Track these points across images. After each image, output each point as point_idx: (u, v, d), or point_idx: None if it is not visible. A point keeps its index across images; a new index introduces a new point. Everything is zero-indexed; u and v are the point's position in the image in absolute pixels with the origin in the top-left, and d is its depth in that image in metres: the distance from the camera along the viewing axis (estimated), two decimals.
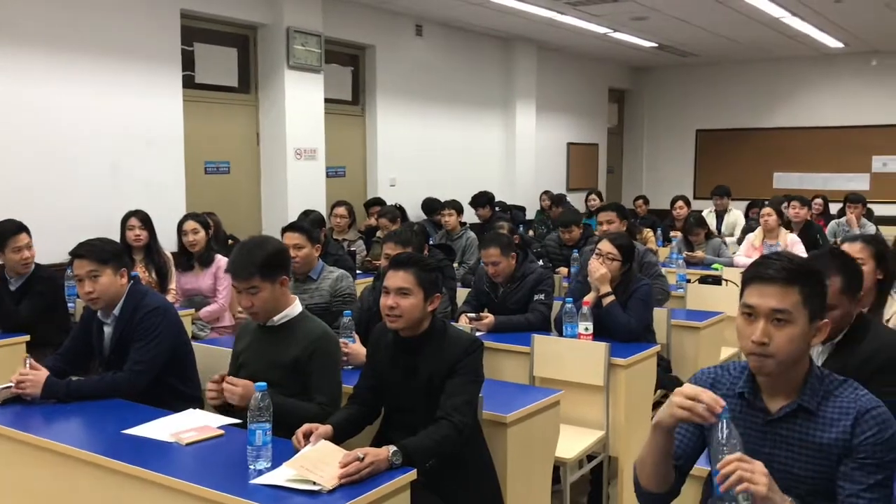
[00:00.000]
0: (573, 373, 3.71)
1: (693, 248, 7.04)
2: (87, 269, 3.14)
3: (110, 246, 3.30)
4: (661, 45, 10.85)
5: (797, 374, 1.88)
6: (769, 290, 1.83)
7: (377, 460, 2.26)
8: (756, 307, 1.84)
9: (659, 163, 13.56)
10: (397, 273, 2.73)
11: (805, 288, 1.83)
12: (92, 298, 3.16)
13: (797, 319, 1.81)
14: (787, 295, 1.81)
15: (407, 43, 8.95)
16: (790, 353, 1.82)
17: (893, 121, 11.51)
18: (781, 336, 1.81)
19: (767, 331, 1.81)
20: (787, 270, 1.83)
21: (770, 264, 1.86)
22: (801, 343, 1.83)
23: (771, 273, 1.83)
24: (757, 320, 1.83)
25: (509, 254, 4.37)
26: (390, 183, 8.82)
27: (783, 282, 1.82)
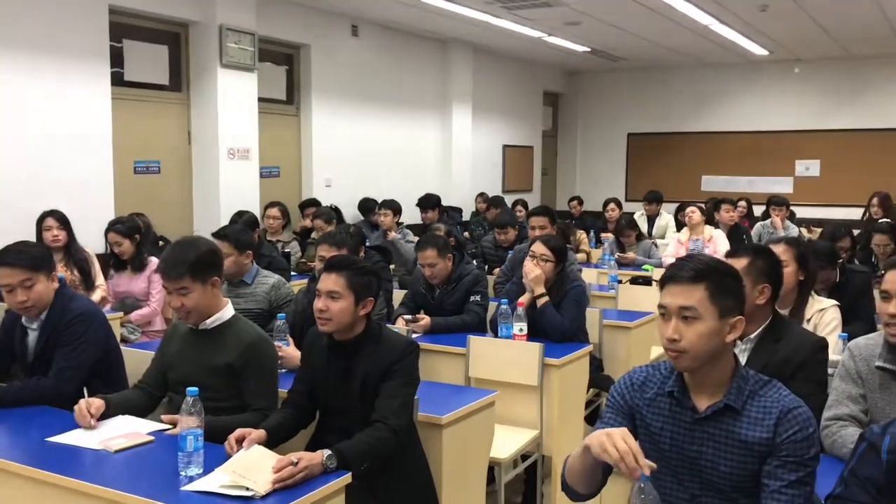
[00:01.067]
0: (508, 373, 3.75)
1: (624, 250, 7.19)
2: (19, 279, 3.02)
3: (38, 250, 3.19)
4: (593, 50, 11.04)
5: (722, 373, 1.94)
6: (677, 288, 1.92)
7: (311, 464, 2.25)
8: (667, 306, 1.93)
9: (592, 165, 13.78)
10: (329, 276, 2.72)
11: (711, 285, 1.90)
12: (26, 307, 3.06)
13: (704, 315, 1.88)
14: (693, 292, 1.89)
15: (343, 43, 8.90)
16: (701, 348, 1.89)
17: (815, 126, 11.94)
18: (691, 332, 1.88)
19: (677, 328, 1.89)
20: (695, 270, 1.91)
21: (682, 266, 1.95)
22: (712, 339, 1.90)
23: (681, 274, 1.92)
24: (670, 319, 1.92)
25: (446, 255, 4.39)
26: (326, 184, 8.75)
27: (689, 280, 1.91)
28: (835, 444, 2.43)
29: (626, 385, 2.07)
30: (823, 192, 11.88)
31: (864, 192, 11.46)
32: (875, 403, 2.45)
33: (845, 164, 11.74)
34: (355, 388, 2.68)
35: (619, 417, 2.03)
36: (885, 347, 2.45)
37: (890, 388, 2.43)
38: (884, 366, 2.43)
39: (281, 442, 2.65)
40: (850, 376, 2.52)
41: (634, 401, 2.03)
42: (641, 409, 2.02)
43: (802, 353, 2.63)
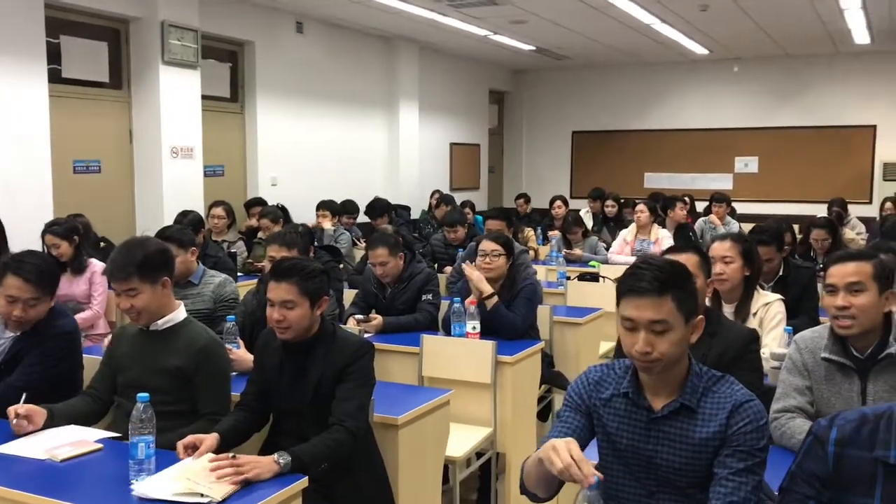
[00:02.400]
0: (461, 371, 3.76)
1: (571, 247, 7.26)
2: (27, 296, 2.93)
3: (50, 267, 3.10)
4: (539, 49, 11.12)
5: (678, 373, 1.97)
6: (644, 302, 1.90)
7: (253, 459, 2.23)
8: (635, 320, 1.91)
9: (538, 163, 13.90)
10: (280, 285, 2.66)
11: (677, 293, 1.91)
12: (18, 321, 2.97)
13: (675, 325, 1.90)
14: (662, 305, 1.89)
15: (288, 40, 8.79)
16: (673, 354, 1.91)
17: (753, 124, 12.24)
18: (663, 343, 1.89)
19: (650, 340, 1.89)
20: (659, 281, 1.89)
21: (642, 276, 1.91)
22: (683, 344, 1.93)
23: (644, 286, 1.90)
24: (638, 331, 1.90)
25: (397, 254, 4.37)
26: (271, 182, 8.65)
27: (656, 293, 1.89)
28: (783, 435, 2.49)
29: (582, 384, 2.08)
30: (762, 187, 12.19)
31: (800, 188, 11.86)
32: (821, 394, 2.52)
33: (782, 160, 12.07)
34: (310, 390, 2.64)
35: (576, 416, 2.04)
36: (831, 339, 2.52)
37: (834, 379, 2.50)
38: (829, 357, 2.50)
39: (235, 445, 2.60)
40: (797, 368, 2.58)
41: (591, 400, 2.05)
42: (598, 408, 2.03)
43: (737, 346, 2.70)
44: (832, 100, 11.70)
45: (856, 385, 2.45)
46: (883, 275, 2.45)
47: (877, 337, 2.44)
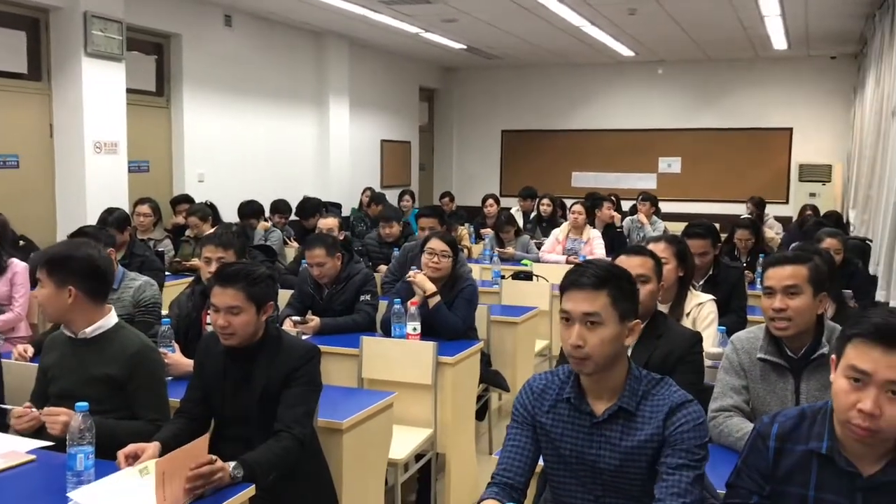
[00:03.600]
0: (402, 373, 3.74)
1: (504, 245, 7.32)
2: None
3: None
4: (469, 47, 11.17)
5: (617, 376, 2.00)
6: (580, 295, 1.96)
7: (225, 472, 2.19)
8: (570, 312, 1.97)
9: (468, 161, 13.97)
10: (226, 290, 2.59)
11: (613, 290, 1.96)
12: None
13: (608, 321, 1.94)
14: (597, 298, 1.95)
15: (216, 33, 8.60)
16: (604, 353, 1.94)
17: (676, 125, 12.57)
18: (594, 338, 1.93)
19: (582, 334, 1.94)
20: (597, 276, 1.97)
21: (583, 272, 1.99)
22: (615, 343, 1.96)
23: (583, 280, 1.97)
24: (573, 324, 1.96)
25: (334, 254, 4.32)
26: (198, 179, 8.44)
27: (592, 286, 1.96)
28: (721, 433, 2.56)
29: (527, 395, 2.10)
30: (684, 187, 12.53)
31: (721, 188, 12.25)
32: (756, 393, 2.60)
33: (704, 161, 12.43)
34: (255, 396, 2.59)
35: (524, 431, 2.07)
36: (766, 340, 2.60)
37: (770, 379, 2.58)
38: (765, 357, 2.58)
39: None
40: (734, 368, 2.65)
41: (535, 410, 2.07)
42: (541, 417, 2.05)
43: (681, 348, 2.76)
44: (751, 103, 12.11)
45: (790, 384, 2.54)
46: (818, 278, 2.54)
47: (810, 338, 2.53)
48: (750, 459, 1.91)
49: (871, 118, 7.66)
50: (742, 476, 1.91)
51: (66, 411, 2.47)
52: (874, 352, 1.67)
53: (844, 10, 8.47)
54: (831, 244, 4.64)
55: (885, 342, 1.66)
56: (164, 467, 2.05)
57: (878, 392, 1.66)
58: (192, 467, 2.10)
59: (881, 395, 1.66)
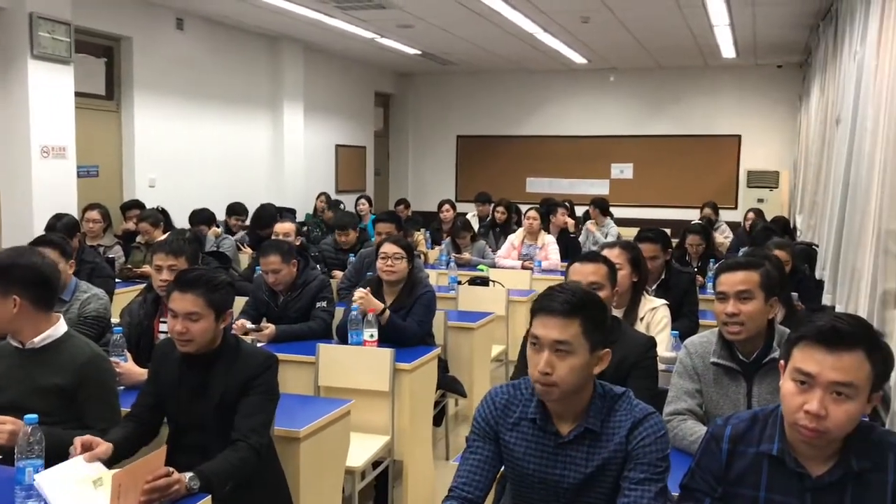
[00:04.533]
0: (359, 380, 3.72)
1: (460, 251, 7.33)
2: None
3: None
4: (424, 53, 11.19)
5: (583, 398, 2.00)
6: (552, 321, 1.93)
7: (181, 484, 2.15)
8: (541, 338, 1.94)
9: (424, 166, 13.98)
10: (185, 296, 2.56)
11: (586, 320, 1.94)
12: None
13: (578, 350, 1.93)
14: (569, 326, 1.92)
15: (167, 36, 8.48)
16: (572, 382, 1.93)
17: (628, 132, 12.74)
18: (563, 366, 1.92)
19: (551, 361, 1.92)
20: (570, 304, 1.93)
21: (556, 297, 1.96)
22: (583, 372, 1.95)
23: (555, 306, 1.94)
24: (542, 350, 1.93)
25: (290, 261, 4.28)
26: (149, 184, 8.31)
27: (565, 314, 1.93)
28: (675, 437, 2.60)
29: (489, 408, 2.08)
30: (636, 193, 12.71)
31: (672, 194, 12.45)
32: (710, 397, 2.65)
33: (655, 167, 12.63)
34: (211, 404, 2.55)
35: (485, 444, 2.06)
36: (719, 344, 2.65)
37: (722, 382, 2.63)
38: (718, 361, 2.63)
39: (125, 458, 2.49)
40: (688, 372, 2.70)
41: (498, 425, 2.06)
42: (504, 434, 2.05)
43: (636, 353, 2.81)
44: (701, 110, 12.34)
45: (742, 387, 2.59)
46: (769, 283, 2.60)
47: (761, 342, 2.59)
48: (703, 461, 1.94)
49: (816, 126, 7.86)
50: (696, 478, 1.95)
51: (11, 420, 2.41)
52: (818, 354, 1.71)
53: (790, 21, 8.69)
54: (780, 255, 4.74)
55: (828, 345, 1.71)
56: (121, 480, 2.02)
57: (823, 393, 1.70)
58: (148, 479, 2.07)
59: (826, 396, 1.70)
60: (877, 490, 1.75)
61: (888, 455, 1.76)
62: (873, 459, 1.76)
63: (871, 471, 1.76)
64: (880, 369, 1.73)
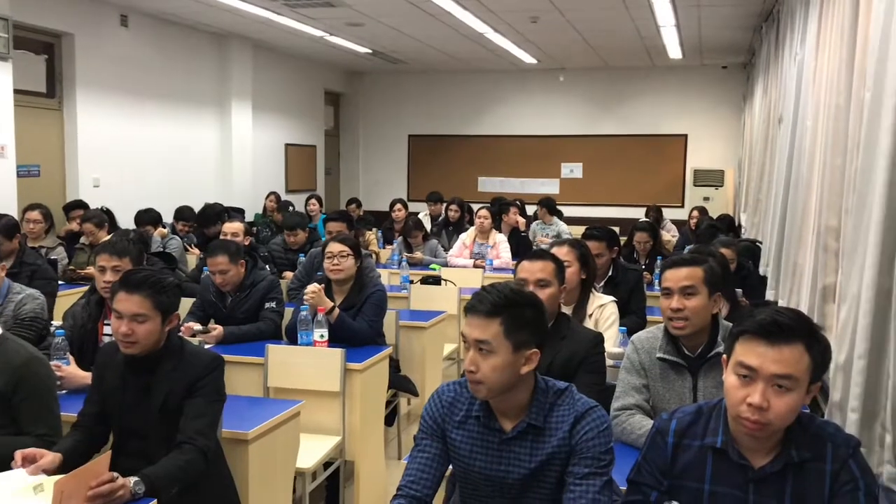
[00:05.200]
0: (309, 381, 3.69)
1: (412, 250, 7.33)
2: None
3: None
4: (375, 51, 11.14)
5: (522, 395, 2.01)
6: (475, 321, 1.97)
7: (126, 489, 2.11)
8: (466, 337, 1.98)
9: (375, 166, 13.93)
10: (131, 297, 2.50)
11: (507, 319, 1.95)
12: None
13: (498, 350, 1.94)
14: (489, 327, 1.95)
15: (111, 33, 8.30)
16: (496, 380, 1.95)
17: (578, 132, 12.87)
18: (486, 365, 1.94)
19: (475, 360, 1.95)
20: (493, 304, 1.95)
21: (483, 297, 1.99)
22: (506, 371, 1.95)
23: (479, 306, 1.97)
24: (469, 349, 1.98)
25: (238, 261, 4.22)
26: (93, 184, 8.13)
27: (486, 314, 1.95)
28: (623, 431, 2.64)
29: (436, 406, 2.09)
30: (586, 192, 12.84)
31: (620, 193, 12.61)
32: (657, 391, 2.69)
33: (604, 166, 12.78)
34: (156, 408, 2.51)
35: (433, 443, 2.07)
36: (665, 339, 2.69)
37: (669, 377, 2.67)
38: (664, 357, 2.67)
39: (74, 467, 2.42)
40: (635, 368, 2.74)
41: (445, 423, 2.07)
42: (451, 431, 2.06)
43: (584, 349, 2.85)
44: (649, 110, 12.52)
45: (688, 382, 2.63)
46: (712, 279, 2.65)
47: (706, 337, 2.64)
48: (649, 455, 1.97)
49: (759, 125, 8.04)
50: (642, 472, 1.97)
51: None
52: (760, 347, 1.75)
53: (734, 23, 8.87)
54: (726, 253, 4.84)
55: (769, 338, 1.74)
56: (63, 487, 1.97)
57: (765, 386, 1.74)
58: (91, 485, 2.02)
59: (768, 388, 1.74)
60: (815, 479, 1.79)
61: (826, 445, 1.80)
62: (812, 450, 1.80)
63: (810, 461, 1.80)
64: (819, 361, 1.77)
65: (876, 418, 2.34)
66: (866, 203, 2.42)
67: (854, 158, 2.69)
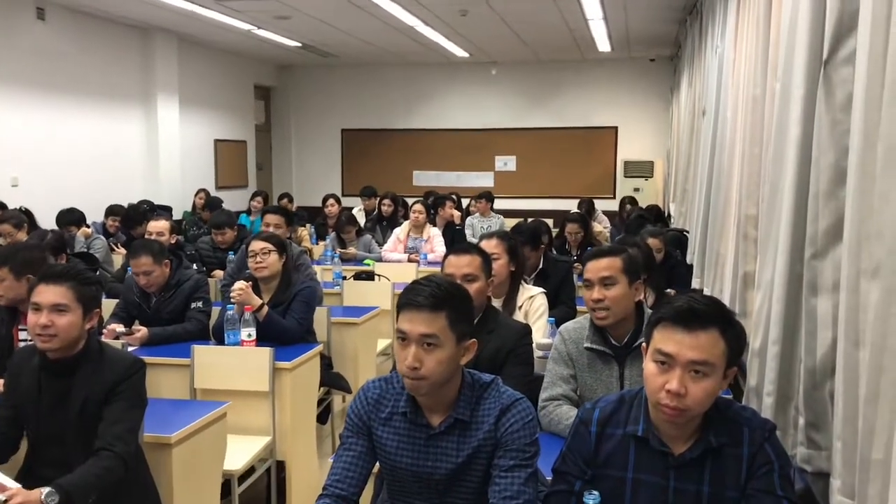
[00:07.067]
0: (237, 381, 3.63)
1: (345, 245, 7.27)
2: None
3: None
4: (304, 45, 11.00)
5: (452, 390, 2.00)
6: (419, 316, 1.93)
7: (23, 493, 2.01)
8: (408, 332, 1.94)
9: (308, 160, 13.77)
10: (51, 287, 2.42)
11: (451, 312, 1.95)
12: None
13: (445, 343, 1.93)
14: (435, 320, 1.92)
15: (26, 27, 7.99)
16: (440, 374, 1.93)
17: (510, 125, 12.96)
18: (431, 360, 1.92)
19: (419, 355, 1.92)
20: (435, 297, 1.93)
21: (420, 291, 1.96)
22: (451, 364, 1.96)
23: (420, 300, 1.94)
24: (409, 345, 1.93)
25: (162, 262, 4.11)
26: (11, 183, 7.84)
27: (430, 308, 1.93)
28: (551, 422, 2.66)
29: (361, 404, 2.07)
30: (519, 185, 12.95)
31: (553, 185, 12.75)
32: (584, 381, 2.71)
33: (537, 159, 12.90)
34: (73, 413, 2.42)
35: (358, 440, 2.04)
36: (591, 330, 2.72)
37: (596, 367, 2.70)
38: (591, 346, 2.70)
39: None
40: (563, 359, 2.76)
41: (371, 420, 2.05)
42: (377, 428, 2.04)
43: (512, 341, 2.85)
44: (579, 103, 12.68)
45: (615, 371, 2.66)
46: (632, 268, 2.69)
47: (631, 325, 2.67)
48: (573, 445, 1.98)
49: (685, 117, 8.21)
50: (567, 461, 1.99)
51: None
52: (677, 334, 1.78)
53: (659, 15, 9.02)
54: (654, 244, 4.94)
55: (686, 325, 1.77)
56: None
57: (682, 372, 1.77)
58: None
59: (685, 374, 1.77)
60: (733, 463, 1.83)
61: (743, 430, 1.84)
62: (730, 435, 1.84)
63: (727, 446, 1.83)
64: (734, 346, 1.81)
65: (790, 402, 2.40)
66: (777, 192, 2.48)
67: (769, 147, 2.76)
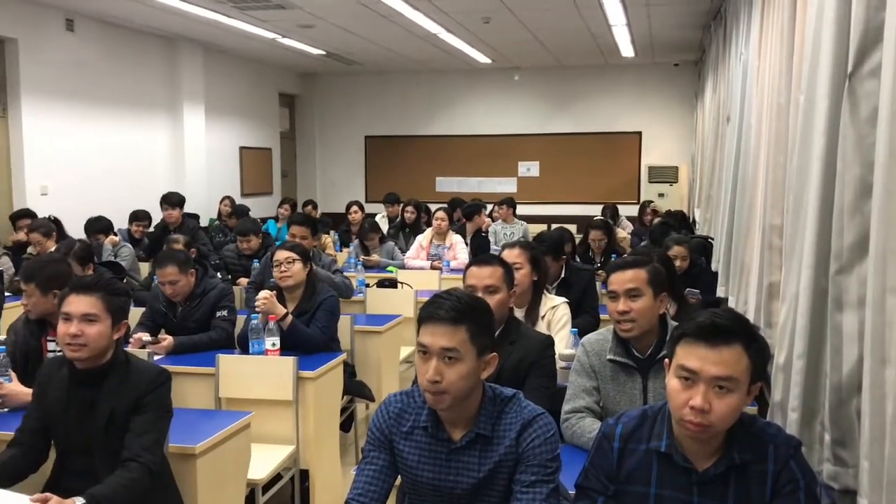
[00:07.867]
0: (261, 390, 3.65)
1: (369, 252, 7.28)
2: None
3: None
4: (328, 53, 11.07)
5: (473, 404, 2.00)
6: (439, 329, 1.93)
7: None
8: (428, 346, 1.94)
9: (331, 167, 13.84)
10: (81, 297, 2.46)
11: (472, 326, 1.95)
12: None
13: (465, 356, 1.93)
14: (456, 334, 1.93)
15: (57, 38, 8.12)
16: (461, 388, 1.93)
17: (534, 130, 12.94)
18: (452, 373, 1.92)
19: (439, 369, 1.92)
20: (456, 310, 1.93)
21: (441, 304, 1.96)
22: (472, 378, 1.95)
23: (441, 314, 1.94)
24: (430, 359, 1.93)
25: (188, 271, 4.16)
26: (41, 192, 7.96)
27: (451, 321, 1.93)
28: (574, 434, 2.65)
29: (383, 417, 2.07)
30: (543, 190, 12.92)
31: (577, 190, 12.70)
32: (607, 394, 2.70)
33: (560, 164, 12.86)
34: (101, 424, 2.45)
35: (380, 454, 2.05)
36: (615, 341, 2.71)
37: (619, 379, 2.69)
38: (614, 358, 2.68)
39: (9, 485, 2.37)
40: (585, 370, 2.75)
41: (392, 434, 2.05)
42: (398, 442, 2.04)
43: (534, 352, 2.84)
44: (603, 108, 12.63)
45: (638, 383, 2.65)
46: (657, 280, 2.67)
47: (655, 338, 2.66)
48: (596, 460, 1.98)
49: (710, 123, 8.14)
50: (589, 477, 1.98)
51: None
52: (700, 350, 1.77)
53: (684, 21, 8.98)
54: (678, 251, 4.91)
55: (709, 340, 1.76)
56: None
57: (706, 388, 1.76)
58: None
59: (709, 390, 1.76)
60: (758, 480, 1.81)
61: (768, 446, 1.83)
62: (754, 451, 1.82)
63: (752, 462, 1.82)
64: (757, 361, 1.80)
65: (816, 417, 2.37)
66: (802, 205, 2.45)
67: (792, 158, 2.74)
